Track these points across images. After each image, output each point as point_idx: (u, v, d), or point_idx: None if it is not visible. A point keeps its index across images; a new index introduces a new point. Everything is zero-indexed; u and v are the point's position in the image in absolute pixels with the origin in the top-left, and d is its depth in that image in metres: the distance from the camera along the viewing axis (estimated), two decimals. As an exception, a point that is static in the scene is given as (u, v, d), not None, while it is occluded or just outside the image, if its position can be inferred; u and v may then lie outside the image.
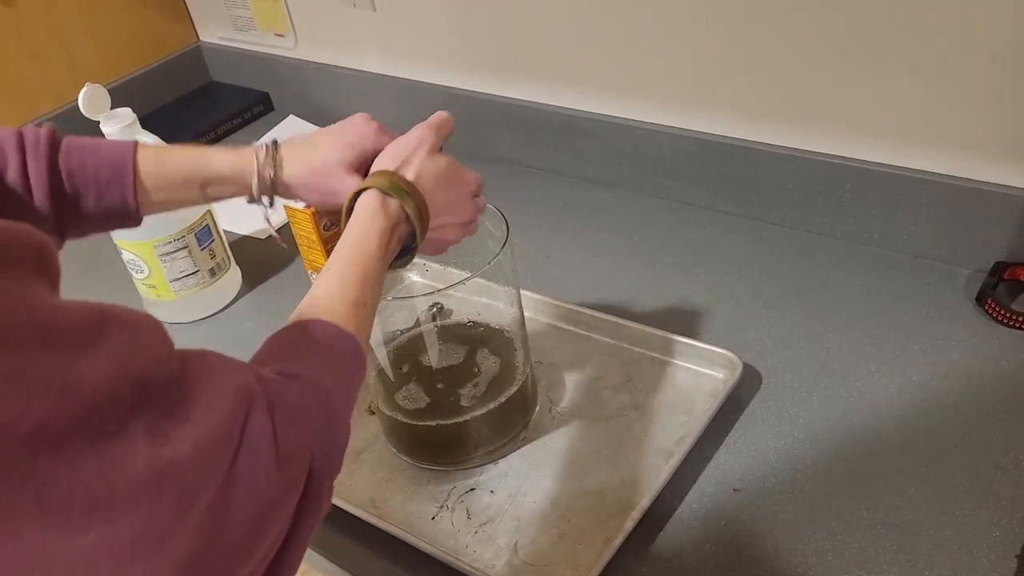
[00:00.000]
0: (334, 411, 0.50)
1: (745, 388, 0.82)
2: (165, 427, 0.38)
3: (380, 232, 0.59)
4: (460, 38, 1.21)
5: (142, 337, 0.39)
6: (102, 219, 0.67)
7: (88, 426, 0.34)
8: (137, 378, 0.37)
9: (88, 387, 0.34)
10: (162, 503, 0.36)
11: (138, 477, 0.35)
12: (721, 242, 1.02)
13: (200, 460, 0.38)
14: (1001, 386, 0.78)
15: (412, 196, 0.61)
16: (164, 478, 0.36)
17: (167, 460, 0.36)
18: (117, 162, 0.66)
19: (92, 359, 0.35)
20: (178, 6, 1.56)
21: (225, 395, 0.42)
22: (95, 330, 0.36)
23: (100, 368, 0.35)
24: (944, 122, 0.87)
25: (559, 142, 1.17)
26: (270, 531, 0.42)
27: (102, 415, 0.35)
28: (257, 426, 0.43)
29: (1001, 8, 0.78)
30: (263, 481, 0.42)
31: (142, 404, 0.37)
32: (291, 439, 0.44)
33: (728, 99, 1.00)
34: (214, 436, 0.40)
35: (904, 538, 0.67)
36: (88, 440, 0.34)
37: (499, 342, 0.82)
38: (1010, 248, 0.88)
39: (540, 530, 0.72)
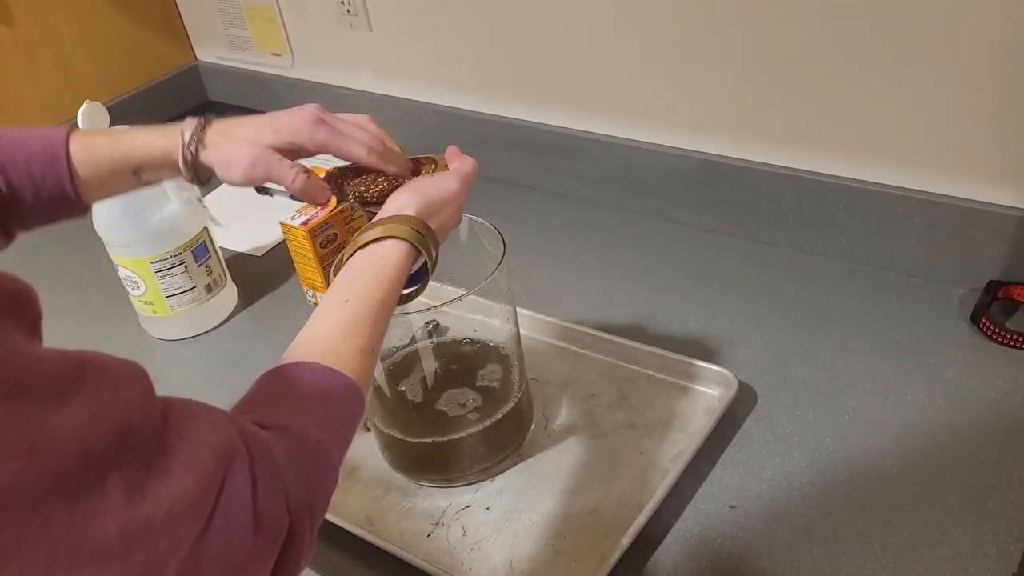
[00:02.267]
0: (323, 462, 0.49)
1: (740, 406, 0.82)
2: (143, 483, 0.37)
3: (399, 279, 0.59)
4: (456, 58, 1.22)
5: (122, 387, 0.38)
6: (45, 211, 0.65)
7: (63, 481, 0.33)
8: (115, 429, 0.36)
9: (62, 442, 0.33)
10: (128, 568, 0.35)
11: (107, 541, 0.34)
12: (716, 261, 1.03)
13: (173, 522, 0.37)
14: (996, 405, 0.78)
15: (435, 246, 0.62)
16: (133, 542, 0.35)
17: (139, 522, 0.36)
18: (49, 154, 0.63)
19: (67, 411, 0.34)
20: (175, 26, 1.57)
21: (205, 453, 0.41)
22: (72, 380, 0.36)
23: (75, 421, 0.34)
24: (938, 142, 0.88)
25: (554, 161, 1.18)
26: None
27: (78, 470, 0.34)
28: (236, 488, 0.42)
29: (995, 30, 0.79)
30: (236, 547, 0.41)
31: (121, 456, 0.36)
32: (271, 501, 0.43)
33: (722, 119, 1.01)
34: (189, 497, 0.39)
35: (900, 557, 0.67)
36: (64, 496, 0.33)
37: (495, 359, 0.82)
38: (1004, 267, 0.88)
39: (536, 548, 0.72)
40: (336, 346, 0.53)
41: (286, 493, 0.45)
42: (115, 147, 0.65)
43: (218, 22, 1.50)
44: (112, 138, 0.66)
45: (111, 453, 0.36)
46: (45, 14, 1.37)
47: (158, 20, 1.54)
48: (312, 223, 0.98)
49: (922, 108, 0.87)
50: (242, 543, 0.41)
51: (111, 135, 0.66)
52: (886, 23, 0.84)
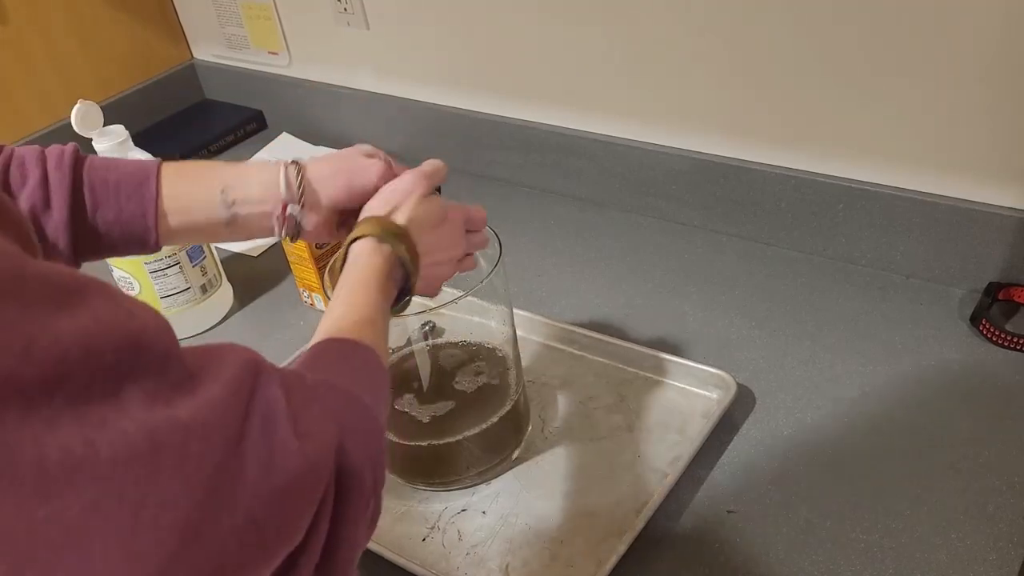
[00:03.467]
0: (364, 409, 0.47)
1: (738, 408, 0.81)
2: (167, 395, 0.35)
3: (377, 276, 0.58)
4: (454, 57, 1.21)
5: (135, 306, 0.36)
6: (119, 238, 0.65)
7: (66, 386, 0.31)
8: (126, 341, 0.34)
9: (63, 344, 0.31)
10: (158, 467, 0.33)
11: (126, 438, 0.32)
12: (714, 262, 1.02)
13: (203, 425, 0.35)
14: (996, 407, 0.78)
15: (402, 239, 0.60)
16: (160, 440, 0.33)
17: (165, 423, 0.33)
18: (140, 174, 0.64)
19: (69, 317, 0.32)
20: (172, 24, 1.56)
21: (231, 366, 0.39)
22: (75, 290, 0.33)
23: (79, 326, 0.32)
24: (937, 143, 0.87)
25: (552, 161, 1.17)
26: (293, 518, 0.39)
27: (83, 376, 0.32)
28: (269, 393, 0.39)
29: (992, 30, 0.78)
30: (279, 452, 0.38)
31: (136, 369, 0.34)
32: (310, 416, 0.41)
33: (721, 119, 1.01)
34: (219, 402, 0.36)
35: (900, 561, 0.67)
36: (68, 401, 0.31)
37: (492, 361, 0.81)
38: (1004, 268, 0.88)
39: (532, 552, 0.72)
40: (341, 333, 0.53)
41: (323, 414, 0.43)
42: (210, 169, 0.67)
43: (215, 21, 1.49)
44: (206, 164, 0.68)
45: (124, 364, 0.33)
46: (40, 12, 1.36)
47: (154, 18, 1.53)
48: (308, 223, 0.97)
49: (923, 109, 0.86)
50: (286, 448, 0.38)
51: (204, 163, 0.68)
52: (887, 23, 0.83)
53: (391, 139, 1.36)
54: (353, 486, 0.43)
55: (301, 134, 1.46)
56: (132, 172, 0.64)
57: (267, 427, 0.38)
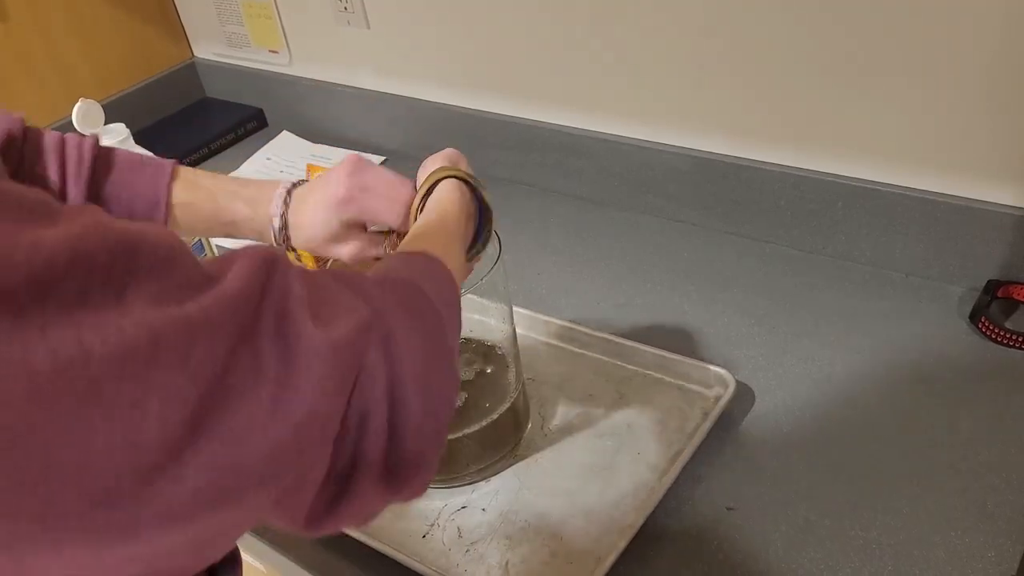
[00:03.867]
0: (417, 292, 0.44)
1: (738, 406, 0.81)
2: (179, 296, 0.33)
3: (466, 216, 0.61)
4: (454, 56, 1.21)
5: (131, 224, 0.34)
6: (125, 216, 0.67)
7: (57, 291, 0.30)
8: (121, 243, 0.32)
9: (48, 249, 0.30)
10: (158, 362, 0.31)
11: (122, 335, 0.31)
12: (713, 260, 1.02)
13: (209, 318, 0.33)
14: (995, 405, 0.78)
15: (481, 184, 0.64)
16: (160, 336, 0.31)
17: (166, 318, 0.32)
18: (151, 196, 0.68)
19: (55, 227, 0.31)
20: (172, 22, 1.56)
21: (245, 260, 0.37)
22: (59, 210, 0.32)
23: (66, 233, 0.31)
24: (936, 141, 0.87)
25: (552, 160, 1.18)
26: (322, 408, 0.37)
27: (76, 279, 0.30)
28: (284, 284, 0.37)
29: (991, 29, 0.78)
30: (297, 341, 0.36)
31: (137, 271, 0.32)
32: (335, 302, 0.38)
33: (721, 117, 1.01)
34: (228, 294, 0.35)
35: (899, 558, 0.67)
36: (61, 306, 0.30)
37: (491, 359, 0.81)
38: (1003, 266, 0.88)
39: (531, 549, 0.72)
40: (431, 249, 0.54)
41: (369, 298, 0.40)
42: (213, 211, 0.71)
43: (215, 19, 1.49)
44: (212, 197, 0.70)
45: (122, 266, 0.32)
46: (41, 10, 1.36)
47: (155, 17, 1.53)
48: (308, 221, 0.97)
49: (922, 107, 0.86)
50: (302, 333, 0.36)
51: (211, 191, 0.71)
52: (886, 22, 0.83)
53: (391, 138, 1.36)
54: (407, 373, 0.40)
55: (301, 132, 1.46)
56: (153, 158, 0.70)
57: (282, 319, 0.36)
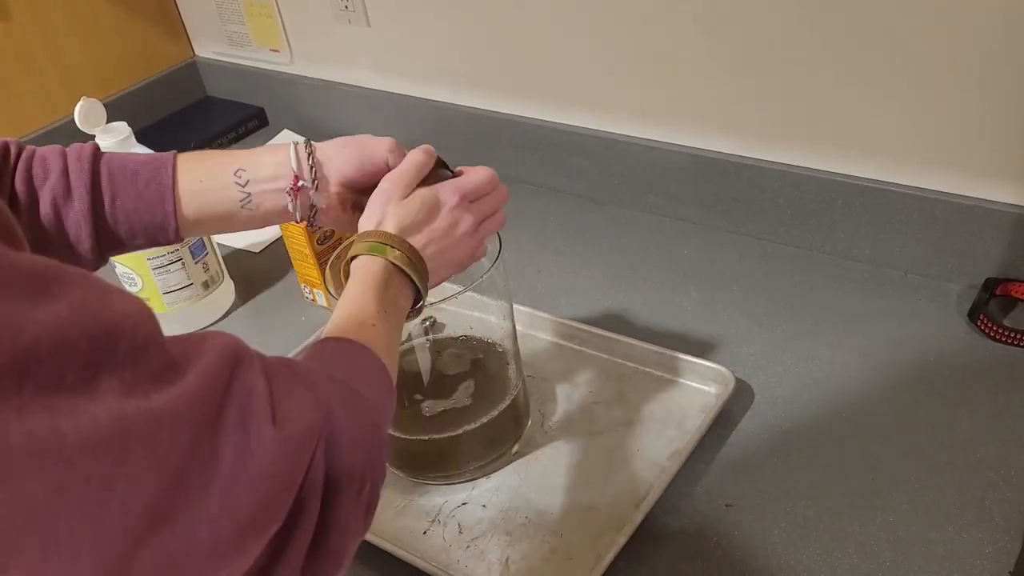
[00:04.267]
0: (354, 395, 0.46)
1: (737, 403, 0.82)
2: (146, 386, 0.34)
3: (376, 284, 0.58)
4: (454, 54, 1.22)
5: (112, 296, 0.35)
6: (140, 227, 0.66)
7: (37, 375, 0.31)
8: (102, 330, 0.33)
9: (34, 334, 0.31)
10: (127, 452, 0.32)
11: (96, 424, 0.32)
12: (713, 258, 1.03)
13: (177, 415, 0.35)
14: (993, 403, 0.78)
15: (396, 246, 0.60)
16: (130, 427, 0.33)
17: (135, 410, 0.33)
18: (156, 162, 0.66)
19: (42, 308, 0.32)
20: (174, 21, 1.57)
21: (210, 352, 0.38)
22: (52, 281, 0.33)
23: (51, 316, 0.32)
24: (936, 139, 0.88)
25: (553, 158, 1.18)
26: (270, 505, 0.38)
27: (55, 365, 0.31)
28: (248, 380, 0.39)
29: (991, 28, 0.79)
30: (256, 439, 0.37)
31: (113, 360, 0.34)
32: (292, 401, 0.40)
33: (721, 116, 1.01)
34: (195, 387, 0.36)
35: (897, 555, 0.67)
36: (39, 390, 0.31)
37: (491, 356, 0.82)
38: (1001, 264, 0.88)
39: (532, 545, 0.72)
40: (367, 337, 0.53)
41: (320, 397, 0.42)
42: (223, 155, 0.68)
43: (216, 18, 1.50)
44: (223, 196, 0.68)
45: (99, 354, 0.33)
46: (42, 9, 1.37)
47: (156, 16, 1.53)
48: (309, 220, 0.98)
49: (922, 106, 0.86)
50: (262, 435, 0.38)
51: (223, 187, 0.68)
52: (886, 22, 0.84)
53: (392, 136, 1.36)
54: (343, 472, 0.42)
55: (302, 131, 1.46)
56: (149, 161, 0.66)
57: (244, 414, 0.38)
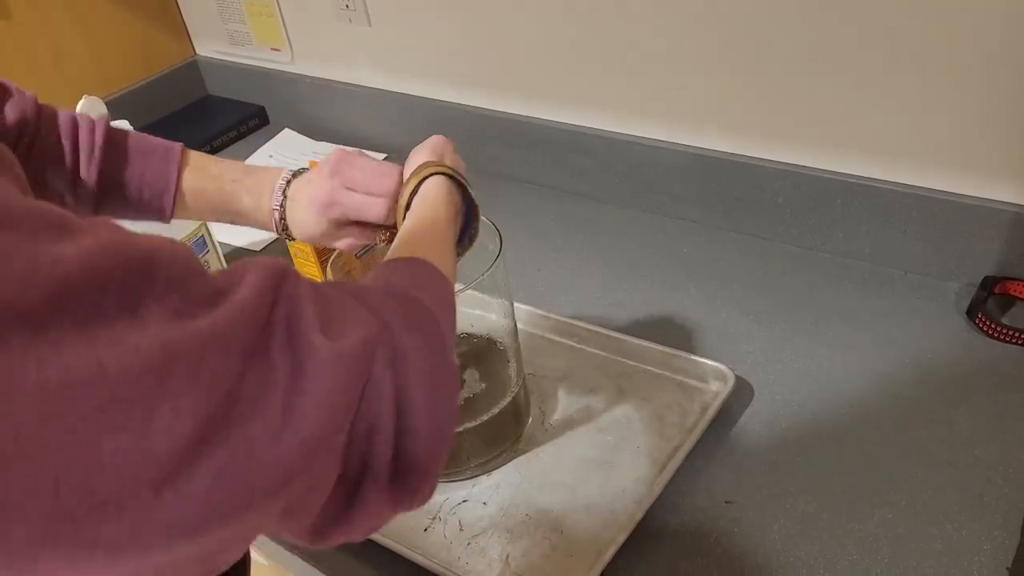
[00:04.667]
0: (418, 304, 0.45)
1: (737, 401, 0.82)
2: (194, 311, 0.34)
3: (454, 212, 0.63)
4: (455, 54, 1.22)
5: (137, 236, 0.34)
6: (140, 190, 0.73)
7: (72, 308, 0.30)
8: (136, 259, 0.33)
9: (64, 267, 0.30)
10: (171, 376, 0.32)
11: (138, 353, 0.31)
12: (713, 256, 1.03)
13: (222, 331, 0.34)
14: (992, 400, 0.79)
15: (463, 178, 0.66)
16: (174, 351, 0.32)
17: (180, 333, 0.33)
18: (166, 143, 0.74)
19: (70, 243, 0.31)
20: (175, 20, 1.57)
21: (256, 272, 0.38)
22: (74, 224, 0.32)
23: (81, 250, 0.31)
24: (935, 139, 0.88)
25: (553, 157, 1.18)
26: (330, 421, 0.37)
27: (90, 296, 0.31)
28: (294, 297, 0.38)
29: (991, 28, 0.79)
30: (307, 355, 0.36)
31: (156, 287, 0.33)
32: (345, 315, 0.39)
33: (721, 115, 1.01)
34: (240, 307, 0.35)
35: (895, 551, 0.67)
36: (77, 323, 0.30)
37: (492, 354, 0.82)
38: (1000, 263, 0.89)
39: (532, 542, 0.72)
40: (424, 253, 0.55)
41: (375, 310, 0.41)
42: (219, 198, 0.75)
43: (217, 17, 1.50)
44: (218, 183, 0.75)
45: (137, 282, 0.32)
46: (43, 7, 1.37)
47: (157, 15, 1.54)
48: (310, 218, 0.98)
49: (921, 106, 0.87)
50: (312, 346, 0.37)
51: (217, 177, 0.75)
52: (886, 21, 0.84)
53: (392, 135, 1.36)
54: (412, 379, 0.41)
55: (303, 130, 1.46)
56: (160, 141, 0.75)
57: (292, 328, 0.37)
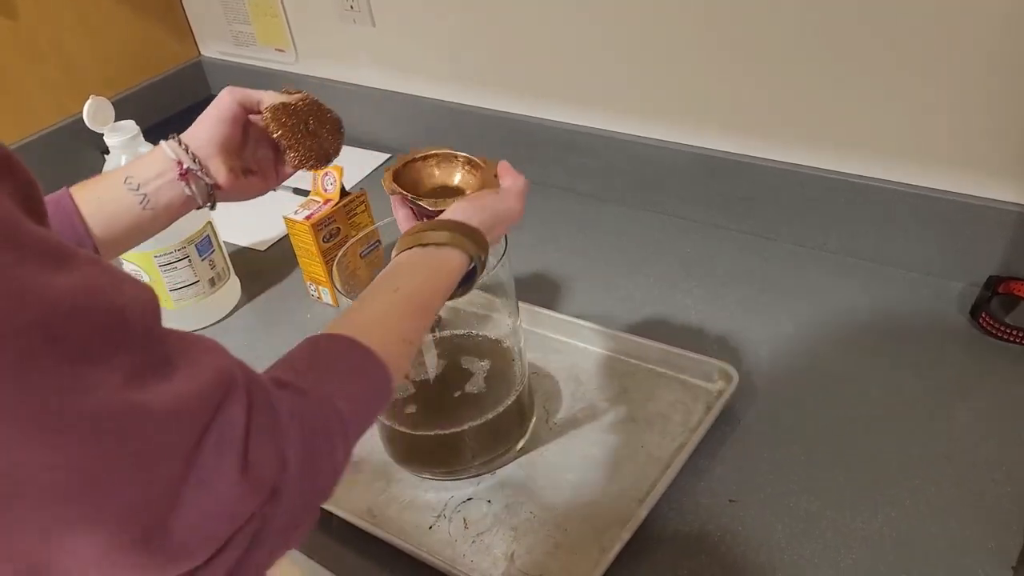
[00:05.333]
0: (335, 431, 0.47)
1: (740, 400, 0.82)
2: (144, 376, 0.36)
3: (451, 285, 0.61)
4: (458, 54, 1.22)
5: (124, 284, 0.37)
6: None
7: (56, 341, 0.32)
8: (114, 310, 0.35)
9: (53, 297, 0.32)
10: (122, 450, 0.34)
11: (101, 415, 0.33)
12: (716, 256, 1.03)
13: (171, 421, 0.36)
14: (995, 399, 0.79)
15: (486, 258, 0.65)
16: (129, 425, 0.34)
17: (138, 407, 0.35)
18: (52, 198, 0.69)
19: (63, 277, 0.33)
20: (180, 21, 1.57)
21: (208, 371, 0.40)
22: (69, 254, 0.34)
23: (71, 287, 0.33)
24: (938, 138, 0.88)
25: (555, 157, 1.18)
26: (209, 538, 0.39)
27: (73, 334, 0.33)
28: (232, 415, 0.40)
29: (993, 28, 0.79)
30: (221, 477, 0.39)
31: (123, 341, 0.35)
32: (262, 444, 0.41)
33: (723, 114, 1.01)
34: (190, 401, 0.38)
35: (899, 550, 0.68)
36: (58, 359, 0.32)
37: (496, 353, 0.82)
38: (1004, 262, 0.89)
39: (536, 540, 0.73)
40: (378, 330, 0.54)
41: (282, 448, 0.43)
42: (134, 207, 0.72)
43: (222, 18, 1.50)
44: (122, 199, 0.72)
45: (112, 333, 0.34)
46: (48, 8, 1.37)
47: (162, 15, 1.54)
48: (315, 217, 0.98)
49: (924, 105, 0.87)
50: (228, 476, 0.39)
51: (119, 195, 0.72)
52: (886, 20, 0.84)
53: (396, 135, 1.37)
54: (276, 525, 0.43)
55: (307, 130, 1.46)
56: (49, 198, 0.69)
57: (219, 448, 0.39)
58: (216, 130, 0.74)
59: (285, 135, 0.75)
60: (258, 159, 0.79)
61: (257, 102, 0.76)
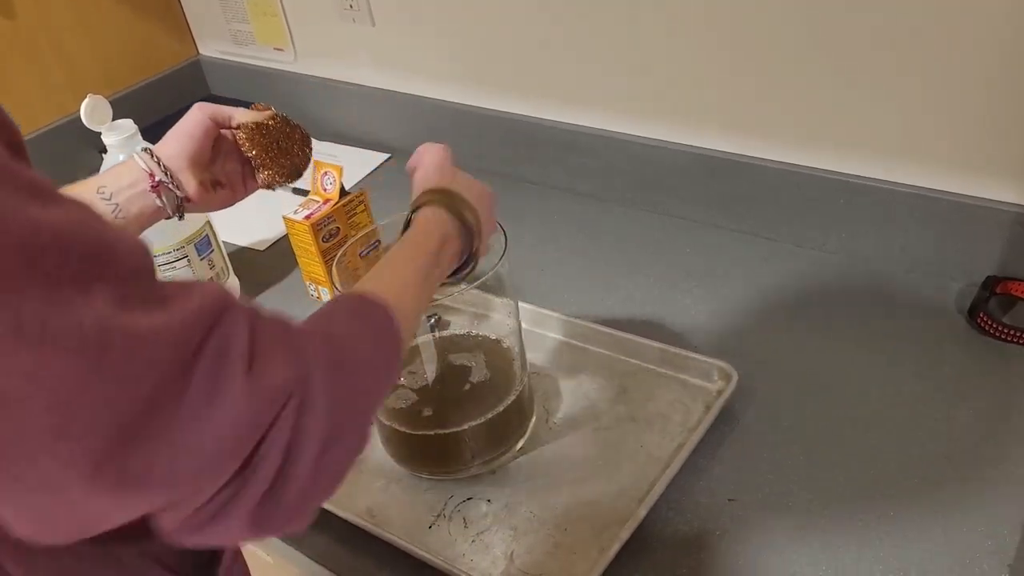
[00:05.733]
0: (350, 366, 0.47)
1: (740, 399, 0.82)
2: (131, 303, 0.35)
3: (439, 239, 0.62)
4: (457, 53, 1.22)
5: (108, 226, 0.37)
6: None
7: (39, 267, 0.32)
8: (100, 243, 0.35)
9: (36, 228, 0.32)
10: (101, 365, 0.34)
11: (81, 329, 0.33)
12: (715, 255, 1.03)
13: (156, 341, 0.36)
14: (993, 399, 0.79)
15: (471, 210, 0.65)
16: (110, 341, 0.34)
17: (121, 325, 0.34)
18: None
19: (47, 209, 0.33)
20: (178, 20, 1.57)
21: (199, 296, 0.39)
22: (56, 193, 0.35)
23: (55, 218, 0.33)
24: (937, 138, 0.88)
25: (555, 157, 1.18)
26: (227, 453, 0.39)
27: (56, 263, 0.33)
28: (230, 329, 0.39)
29: (993, 29, 0.79)
30: (223, 387, 0.38)
31: (106, 273, 0.35)
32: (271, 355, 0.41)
33: (723, 115, 1.02)
34: (179, 322, 0.37)
35: (898, 549, 0.68)
36: (39, 282, 0.32)
37: (496, 353, 0.82)
38: (1002, 262, 0.89)
39: (536, 539, 0.73)
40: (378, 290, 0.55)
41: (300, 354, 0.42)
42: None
43: (221, 17, 1.50)
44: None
45: (95, 264, 0.35)
46: (47, 7, 1.37)
47: (161, 14, 1.54)
48: (315, 217, 0.98)
49: (923, 106, 0.87)
50: (231, 389, 0.38)
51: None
52: (886, 20, 0.84)
53: (395, 135, 1.37)
54: (309, 435, 0.42)
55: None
56: None
57: (218, 362, 0.38)
58: (187, 144, 0.78)
59: (259, 155, 0.81)
60: (227, 172, 0.84)
61: (228, 117, 0.80)
